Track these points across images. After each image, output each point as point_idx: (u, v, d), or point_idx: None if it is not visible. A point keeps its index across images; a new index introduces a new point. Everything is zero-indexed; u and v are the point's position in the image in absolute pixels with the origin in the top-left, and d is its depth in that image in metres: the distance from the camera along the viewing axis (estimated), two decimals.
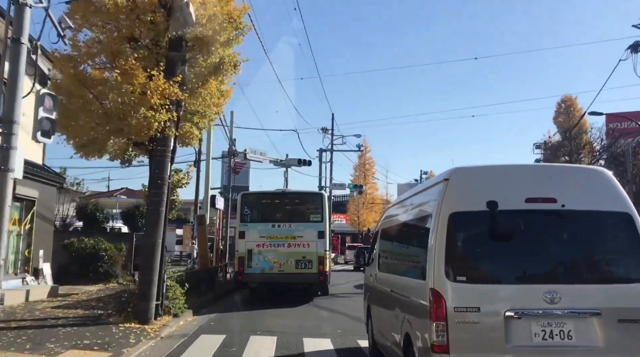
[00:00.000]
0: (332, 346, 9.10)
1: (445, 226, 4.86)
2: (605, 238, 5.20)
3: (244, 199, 16.29)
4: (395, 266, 6.95)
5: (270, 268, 14.92)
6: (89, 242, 17.80)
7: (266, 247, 15.00)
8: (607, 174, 5.29)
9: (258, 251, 14.97)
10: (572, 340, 4.59)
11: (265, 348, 8.77)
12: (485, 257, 5.01)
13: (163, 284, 10.74)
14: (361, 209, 56.35)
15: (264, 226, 15.29)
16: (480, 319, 4.62)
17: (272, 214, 15.88)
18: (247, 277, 15.12)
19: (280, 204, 16.46)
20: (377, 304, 7.64)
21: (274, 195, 17.38)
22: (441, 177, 5.37)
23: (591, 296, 4.72)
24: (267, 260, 14.97)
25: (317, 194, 17.93)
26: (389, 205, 9.44)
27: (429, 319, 4.71)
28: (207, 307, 13.72)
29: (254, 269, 14.96)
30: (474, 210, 4.93)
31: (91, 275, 17.35)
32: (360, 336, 9.48)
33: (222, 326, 11.08)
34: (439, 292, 4.69)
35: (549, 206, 4.95)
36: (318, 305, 14.78)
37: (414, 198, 6.53)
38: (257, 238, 15.08)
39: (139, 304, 10.32)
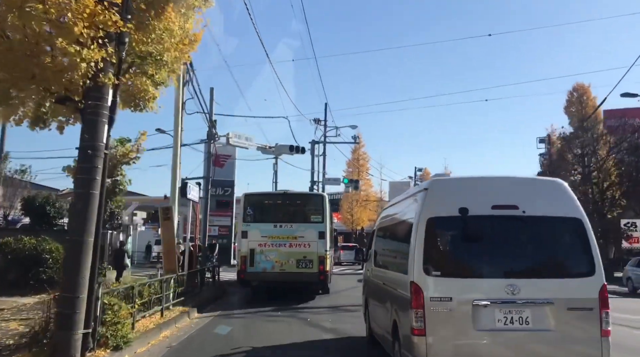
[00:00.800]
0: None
1: (424, 229, 5.74)
2: (559, 240, 6.02)
3: (247, 199, 16.49)
4: (386, 262, 7.72)
5: (271, 267, 15.17)
6: (30, 242, 14.33)
7: (268, 246, 15.25)
8: (563, 185, 6.15)
9: (260, 250, 15.22)
10: (529, 325, 5.50)
11: None
12: (457, 256, 6.05)
13: (96, 302, 7.35)
14: (355, 206, 53.20)
15: (266, 226, 15.53)
16: (452, 307, 5.50)
17: (274, 215, 16.15)
18: (249, 275, 15.36)
19: (282, 204, 16.75)
20: (372, 296, 8.50)
21: (276, 196, 17.81)
22: (422, 187, 6.37)
23: (546, 289, 5.61)
24: (268, 259, 15.21)
25: (318, 195, 18.49)
26: (385, 206, 10.24)
27: (410, 308, 5.58)
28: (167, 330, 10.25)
29: (256, 267, 15.21)
30: (448, 215, 5.82)
31: (32, 283, 13.83)
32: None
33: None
34: (418, 284, 5.58)
35: (512, 212, 5.82)
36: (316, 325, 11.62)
37: (402, 202, 7.40)
38: (260, 238, 15.33)
39: (57, 333, 6.94)
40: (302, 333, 10.34)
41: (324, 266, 15.27)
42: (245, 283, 15.89)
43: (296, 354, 8.73)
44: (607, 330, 5.50)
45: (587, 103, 35.16)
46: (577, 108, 35.54)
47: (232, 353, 8.54)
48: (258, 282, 15.69)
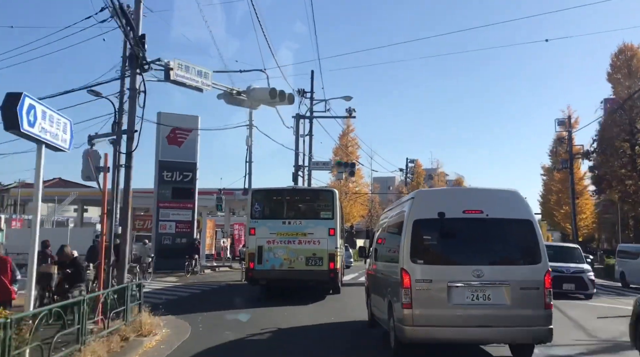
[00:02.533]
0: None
1: (411, 228, 7.40)
2: (514, 236, 7.65)
3: (255, 195, 16.17)
4: (384, 256, 9.23)
5: (280, 265, 14.82)
6: None
7: (276, 243, 14.93)
8: (517, 194, 7.86)
9: (268, 248, 14.88)
10: (491, 301, 7.10)
11: None
12: (436, 248, 7.71)
13: None
14: (345, 200, 45.79)
15: (275, 222, 15.22)
16: (431, 287, 7.13)
17: (283, 211, 15.87)
18: (257, 273, 14.91)
19: (290, 200, 16.34)
20: (373, 285, 9.92)
21: (284, 191, 16.88)
22: (410, 196, 8.33)
23: (503, 273, 7.22)
24: (277, 257, 14.87)
25: (328, 191, 17.73)
26: (384, 212, 12.17)
27: (400, 287, 7.19)
28: None
29: (264, 265, 14.82)
30: (430, 218, 7.44)
31: None
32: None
33: None
34: (407, 270, 7.20)
35: (478, 215, 7.45)
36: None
37: (396, 208, 9.33)
38: (268, 235, 14.99)
39: None
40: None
41: (335, 264, 14.89)
42: (253, 282, 15.33)
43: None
44: (550, 304, 7.10)
45: (638, 67, 28.33)
46: (623, 74, 28.77)
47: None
48: (267, 281, 15.17)
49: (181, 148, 26.92)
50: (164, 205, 26.59)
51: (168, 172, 26.72)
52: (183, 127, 26.89)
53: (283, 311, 12.78)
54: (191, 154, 27.14)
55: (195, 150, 27.27)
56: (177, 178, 26.89)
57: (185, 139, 27.05)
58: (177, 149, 26.86)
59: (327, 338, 9.73)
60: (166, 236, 26.48)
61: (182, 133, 26.98)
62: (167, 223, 26.59)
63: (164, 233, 26.43)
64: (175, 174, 26.85)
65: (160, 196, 26.46)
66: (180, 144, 26.95)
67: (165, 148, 26.66)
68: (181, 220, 26.87)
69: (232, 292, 17.62)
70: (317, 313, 12.55)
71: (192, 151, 27.18)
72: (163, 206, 26.60)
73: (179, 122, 26.72)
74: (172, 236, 26.54)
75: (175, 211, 26.81)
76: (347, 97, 29.92)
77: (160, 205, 26.52)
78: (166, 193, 26.59)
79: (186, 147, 27.02)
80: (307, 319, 11.59)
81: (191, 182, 27.09)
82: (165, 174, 26.69)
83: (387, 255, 8.72)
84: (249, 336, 9.67)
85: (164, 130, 26.46)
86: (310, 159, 31.02)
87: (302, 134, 31.18)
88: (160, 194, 26.49)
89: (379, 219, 11.29)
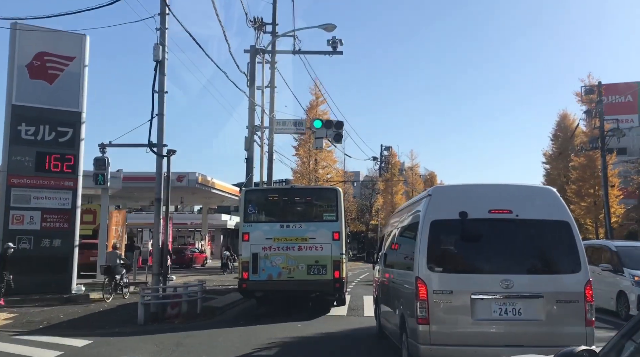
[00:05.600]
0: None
1: (428, 231, 6.40)
2: (548, 240, 6.67)
3: (248, 196, 14.41)
4: (394, 261, 8.32)
5: (278, 274, 13.33)
6: None
7: (274, 250, 13.39)
8: (552, 191, 6.89)
9: (264, 255, 13.35)
10: (522, 315, 6.14)
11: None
12: (457, 254, 6.72)
13: None
14: None
15: (271, 226, 13.82)
16: (452, 299, 6.17)
17: (280, 213, 14.34)
18: (253, 284, 13.40)
19: (289, 201, 14.69)
20: (383, 294, 9.10)
21: (282, 191, 16.18)
22: (426, 193, 7.08)
23: (536, 283, 6.28)
24: (274, 265, 13.36)
25: (331, 189, 15.85)
26: (394, 213, 11.62)
27: (415, 300, 6.22)
28: None
29: (260, 275, 13.29)
30: (449, 218, 6.47)
31: None
32: None
33: None
34: (423, 279, 6.24)
35: (506, 215, 6.49)
36: None
37: (408, 208, 8.31)
38: (263, 240, 13.47)
39: None
40: None
41: (340, 272, 13.33)
42: (247, 294, 13.87)
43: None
44: (592, 320, 6.15)
45: None
46: None
47: None
48: (263, 293, 13.66)
49: (54, 86, 15.88)
50: (20, 181, 15.48)
51: (29, 126, 15.61)
52: (57, 53, 15.90)
53: (282, 329, 10.82)
54: (72, 97, 16.10)
55: (79, 90, 16.23)
56: (45, 136, 15.82)
57: (61, 72, 16.00)
58: (47, 88, 15.81)
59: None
60: (24, 236, 15.37)
61: (55, 61, 15.93)
62: (25, 214, 15.47)
63: (18, 230, 15.32)
64: (42, 130, 15.76)
65: (13, 166, 15.36)
66: (52, 80, 15.89)
67: (24, 84, 15.59)
68: (52, 208, 15.81)
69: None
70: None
71: (73, 92, 16.14)
72: (18, 184, 15.47)
73: (50, 43, 15.79)
74: (35, 236, 15.46)
75: (43, 191, 15.72)
76: (328, 26, 19.52)
77: (14, 181, 15.41)
78: (25, 161, 15.49)
79: (63, 84, 15.99)
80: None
81: (71, 144, 16.07)
82: (25, 129, 15.57)
83: (400, 262, 7.91)
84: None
85: (22, 54, 15.49)
86: (273, 118, 20.49)
87: (260, 87, 20.80)
88: (13, 162, 15.39)
89: (390, 221, 10.75)
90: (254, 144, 19.34)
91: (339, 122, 18.88)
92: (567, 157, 41.85)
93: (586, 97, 33.98)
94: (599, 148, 31.73)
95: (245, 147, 19.08)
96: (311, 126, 19.69)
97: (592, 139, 32.44)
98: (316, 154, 35.69)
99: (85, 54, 16.27)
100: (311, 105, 36.05)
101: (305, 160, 35.27)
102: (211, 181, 33.70)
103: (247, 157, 19.07)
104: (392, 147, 60.92)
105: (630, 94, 53.36)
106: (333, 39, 19.36)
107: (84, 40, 16.29)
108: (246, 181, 19.05)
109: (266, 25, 21.05)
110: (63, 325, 11.06)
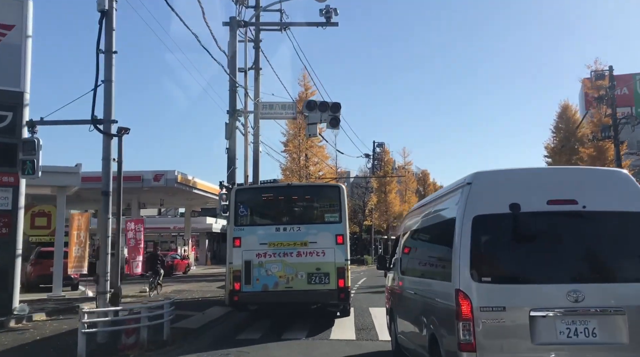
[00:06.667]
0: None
1: (470, 229, 5.07)
2: (627, 238, 5.28)
3: (239, 195, 12.75)
4: (419, 269, 6.95)
5: (274, 284, 11.89)
6: None
7: (269, 257, 11.99)
8: (626, 175, 5.51)
9: (259, 263, 11.95)
10: (597, 337, 4.76)
11: None
12: (509, 258, 5.22)
13: None
14: None
15: (266, 229, 12.47)
16: (505, 318, 4.81)
17: (276, 214, 13.15)
18: (245, 297, 11.93)
19: (286, 200, 13.34)
20: (401, 307, 7.75)
21: (277, 189, 13.89)
22: (463, 182, 5.53)
23: (615, 295, 4.88)
24: (270, 274, 11.93)
25: (333, 187, 15.20)
26: (410, 211, 9.26)
27: (456, 319, 4.90)
28: None
29: (254, 286, 11.89)
30: (497, 213, 5.16)
31: None
32: None
33: None
34: (465, 292, 4.90)
35: (570, 207, 5.15)
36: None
37: (435, 203, 6.65)
38: (257, 246, 12.07)
39: None
40: None
41: (345, 281, 11.84)
42: (240, 307, 12.49)
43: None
44: None
45: None
46: None
47: None
48: (258, 306, 12.41)
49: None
50: None
51: None
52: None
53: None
54: (11, 74, 13.18)
55: (20, 66, 13.31)
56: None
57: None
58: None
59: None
60: None
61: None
62: None
63: None
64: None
65: None
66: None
67: None
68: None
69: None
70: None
71: (13, 68, 13.22)
72: None
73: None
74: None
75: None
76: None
77: None
78: None
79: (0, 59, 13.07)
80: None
81: (11, 131, 13.15)
82: None
83: (426, 268, 6.52)
84: None
85: None
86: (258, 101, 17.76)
87: (243, 68, 18.13)
88: None
89: (406, 220, 8.72)
90: (236, 132, 16.54)
91: (335, 104, 16.07)
92: (570, 149, 39.77)
93: (597, 83, 31.59)
94: (610, 137, 29.58)
95: (226, 136, 16.30)
96: (303, 110, 16.92)
97: (604, 128, 30.15)
98: (307, 149, 33.00)
99: (28, 21, 13.35)
100: (300, 98, 33.27)
101: (295, 156, 32.55)
102: (192, 181, 30.90)
103: (228, 148, 16.29)
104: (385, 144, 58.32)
105: (626, 87, 52.00)
106: (327, 8, 16.58)
107: (26, 5, 13.37)
108: (228, 176, 16.25)
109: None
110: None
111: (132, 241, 19.60)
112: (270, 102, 17.00)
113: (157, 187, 28.90)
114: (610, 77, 30.19)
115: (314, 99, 16.52)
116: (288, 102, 17.25)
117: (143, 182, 28.09)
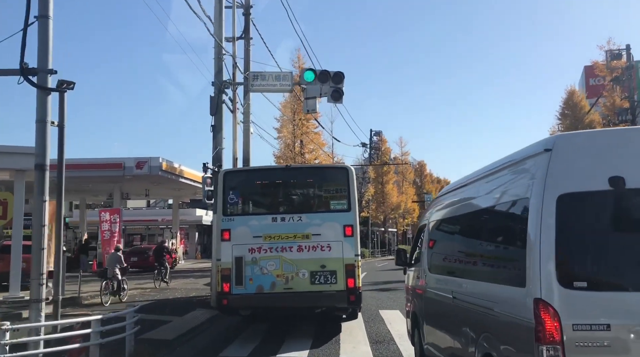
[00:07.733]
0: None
1: (554, 213, 3.62)
2: None
3: (228, 179, 11.02)
4: (462, 267, 5.51)
5: (271, 285, 10.18)
6: None
7: (264, 252, 10.29)
8: None
9: (252, 260, 10.25)
10: None
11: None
12: (611, 254, 3.66)
13: None
14: None
15: (261, 220, 10.67)
16: (611, 340, 3.40)
17: (273, 202, 11.46)
18: (236, 300, 10.19)
19: (284, 185, 11.58)
20: (431, 313, 6.45)
21: (274, 172, 12.55)
22: (540, 148, 3.95)
23: None
24: (266, 273, 10.24)
25: (340, 168, 12.51)
26: (442, 192, 7.23)
27: (535, 341, 3.48)
28: None
29: (247, 287, 10.19)
30: (592, 190, 3.69)
31: None
32: None
33: None
34: (549, 303, 3.49)
35: None
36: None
37: (489, 179, 5.01)
38: (250, 239, 10.34)
39: None
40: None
41: (355, 280, 10.09)
42: (230, 312, 10.68)
43: None
44: None
45: None
46: None
47: None
48: (251, 311, 10.77)
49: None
50: None
51: None
52: None
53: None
54: None
55: None
56: None
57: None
58: None
59: None
60: None
61: None
62: None
63: None
64: None
65: None
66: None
67: None
68: None
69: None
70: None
71: None
72: None
73: None
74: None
75: None
76: None
77: None
78: None
79: None
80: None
81: None
82: None
83: (474, 266, 5.08)
84: None
85: None
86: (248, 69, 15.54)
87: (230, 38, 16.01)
88: None
89: (436, 205, 7.03)
90: (222, 107, 14.31)
91: (337, 74, 13.89)
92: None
93: (612, 63, 29.55)
94: (628, 121, 27.70)
95: (211, 111, 14.07)
96: (300, 81, 14.69)
97: (621, 111, 28.22)
98: (302, 135, 30.81)
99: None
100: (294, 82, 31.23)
101: (289, 142, 30.35)
102: (179, 169, 28.58)
103: (213, 125, 14.06)
104: (382, 132, 56.29)
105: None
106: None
107: None
108: (213, 157, 14.04)
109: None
110: None
111: (106, 233, 17.36)
112: (263, 72, 14.75)
113: (140, 175, 26.60)
114: (628, 56, 28.23)
115: (312, 69, 14.26)
116: (283, 72, 14.99)
117: (125, 170, 25.82)
